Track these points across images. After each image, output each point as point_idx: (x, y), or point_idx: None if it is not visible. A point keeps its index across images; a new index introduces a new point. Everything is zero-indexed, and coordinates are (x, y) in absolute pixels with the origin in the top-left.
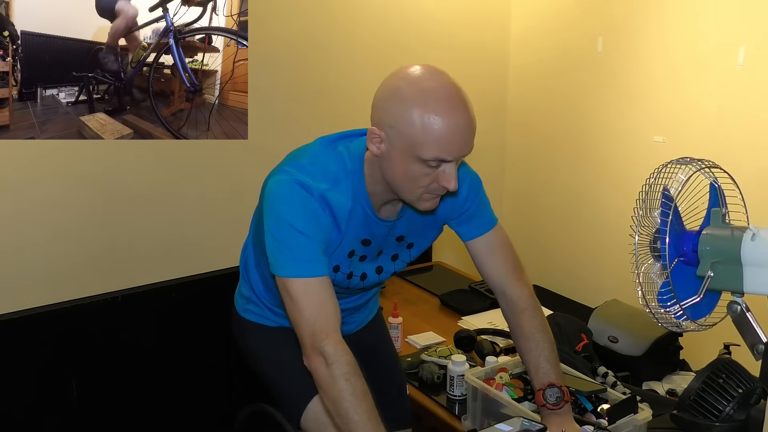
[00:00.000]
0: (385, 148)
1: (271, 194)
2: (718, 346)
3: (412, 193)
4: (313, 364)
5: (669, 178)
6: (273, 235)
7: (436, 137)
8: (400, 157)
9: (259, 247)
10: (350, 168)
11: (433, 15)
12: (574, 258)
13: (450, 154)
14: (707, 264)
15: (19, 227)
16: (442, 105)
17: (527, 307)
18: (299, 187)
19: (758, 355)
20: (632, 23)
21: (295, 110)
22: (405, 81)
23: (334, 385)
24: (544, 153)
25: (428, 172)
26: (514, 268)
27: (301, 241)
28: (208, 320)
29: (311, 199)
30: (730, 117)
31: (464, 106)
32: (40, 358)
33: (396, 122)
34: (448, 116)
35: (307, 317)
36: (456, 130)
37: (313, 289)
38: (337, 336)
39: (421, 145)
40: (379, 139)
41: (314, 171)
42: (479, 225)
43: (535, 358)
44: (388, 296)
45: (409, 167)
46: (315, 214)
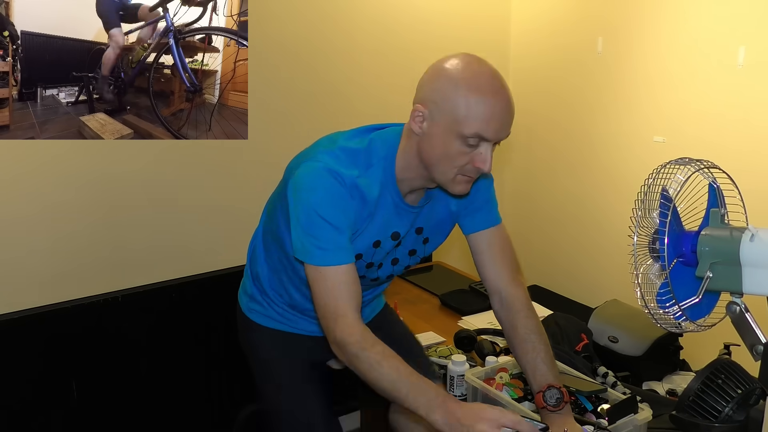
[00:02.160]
0: (426, 126)
1: (301, 181)
2: (718, 346)
3: (447, 172)
4: (335, 353)
5: (668, 178)
6: (300, 222)
7: (479, 114)
8: (441, 134)
9: (270, 236)
10: (382, 154)
11: (434, 17)
12: (574, 258)
13: (490, 133)
14: (706, 264)
15: (18, 227)
16: (486, 85)
17: (522, 308)
18: (330, 175)
19: (757, 356)
20: (632, 23)
21: (295, 110)
22: (452, 64)
23: (354, 367)
24: (544, 153)
25: (466, 151)
26: (511, 268)
27: (328, 231)
28: (208, 320)
29: (341, 188)
30: (730, 117)
31: (506, 91)
32: (40, 357)
33: (441, 99)
34: (491, 96)
35: (322, 305)
36: (497, 110)
37: (338, 277)
38: (345, 319)
39: (463, 121)
40: (421, 117)
41: (345, 158)
42: (483, 219)
43: (532, 360)
44: (388, 296)
45: (449, 144)
46: (344, 203)
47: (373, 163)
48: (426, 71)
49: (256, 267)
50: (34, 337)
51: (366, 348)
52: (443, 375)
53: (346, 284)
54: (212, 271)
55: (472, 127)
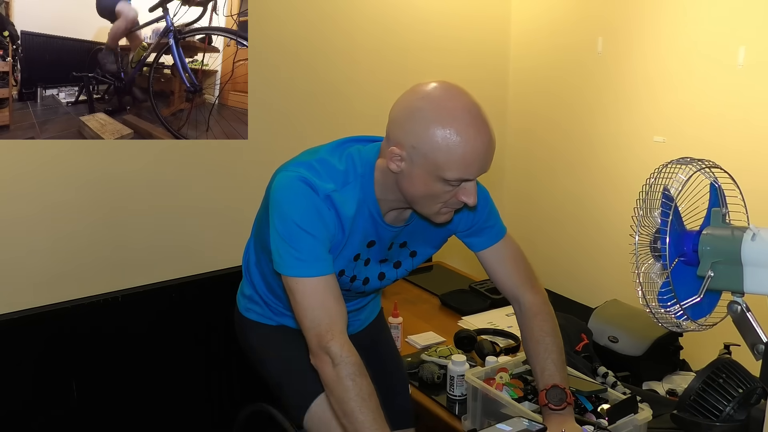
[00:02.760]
0: (405, 167)
1: (277, 191)
2: (718, 346)
3: (430, 208)
4: (319, 363)
5: (669, 178)
6: (279, 233)
7: (460, 159)
8: (421, 177)
9: (260, 245)
10: (360, 171)
11: (434, 17)
12: (574, 258)
13: (472, 174)
14: (707, 264)
15: (18, 227)
16: (466, 126)
17: (539, 312)
18: (305, 185)
19: (758, 355)
20: (632, 23)
21: (295, 110)
22: (425, 101)
23: (339, 385)
24: (544, 153)
25: (449, 190)
26: (526, 276)
27: (306, 240)
28: (208, 320)
29: (316, 198)
30: (731, 117)
31: (486, 126)
32: (40, 358)
33: (418, 143)
34: (472, 138)
35: (312, 317)
36: (479, 151)
37: (319, 288)
38: (344, 336)
39: (444, 166)
40: (399, 158)
41: (322, 170)
42: (489, 237)
43: (542, 360)
44: (388, 296)
45: (431, 186)
46: (320, 213)
47: (350, 180)
48: (397, 103)
49: (251, 274)
50: (34, 337)
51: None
52: (443, 375)
53: (332, 295)
54: (212, 271)
55: (455, 172)
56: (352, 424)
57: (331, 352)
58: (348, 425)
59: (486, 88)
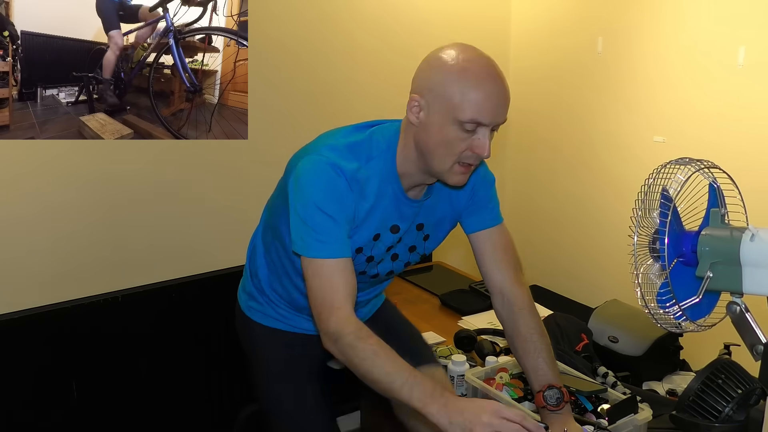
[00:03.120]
0: (423, 116)
1: (302, 175)
2: (717, 346)
3: (445, 161)
4: (326, 345)
5: (668, 178)
6: (299, 214)
7: (474, 99)
8: (437, 122)
9: (270, 233)
10: (383, 147)
11: (433, 17)
12: (574, 258)
13: (486, 117)
14: (706, 264)
15: (18, 227)
16: (481, 70)
17: (525, 308)
18: (331, 168)
19: (757, 356)
20: (632, 23)
21: (295, 110)
22: (446, 53)
23: (344, 357)
24: (544, 153)
25: (464, 137)
26: (514, 268)
27: (326, 223)
28: (208, 320)
29: (341, 181)
30: (730, 117)
31: (500, 75)
32: (40, 358)
33: (436, 86)
34: (486, 80)
35: (319, 296)
36: (492, 94)
37: (332, 270)
38: (340, 312)
39: (459, 107)
40: (418, 106)
41: (346, 151)
42: (485, 219)
43: (533, 360)
44: (388, 296)
45: (447, 131)
46: (343, 196)
47: (374, 155)
48: (421, 63)
49: (255, 266)
50: (34, 337)
51: (362, 338)
52: None
53: (343, 277)
54: (212, 271)
55: (468, 112)
56: (374, 384)
57: (329, 331)
58: (372, 385)
59: None
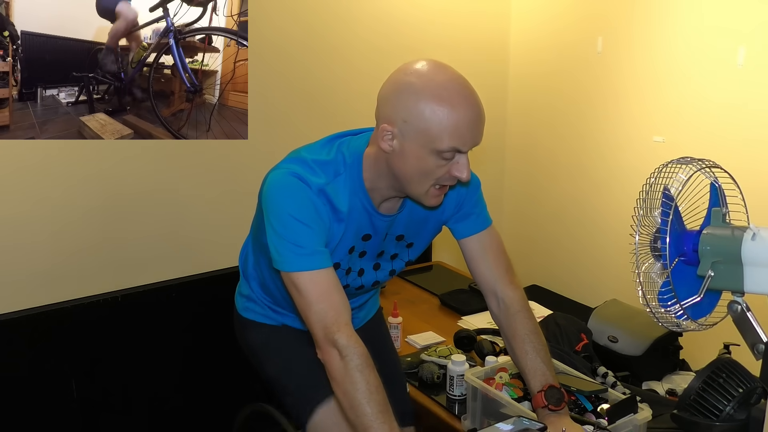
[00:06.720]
0: (397, 144)
1: (271, 189)
2: (718, 345)
3: (421, 187)
4: (326, 356)
5: (669, 177)
6: (275, 229)
7: (452, 127)
8: (413, 151)
9: (258, 247)
10: (349, 162)
11: (434, 17)
12: (574, 257)
13: (465, 144)
14: (708, 264)
15: (19, 227)
16: (456, 95)
17: (521, 310)
18: (297, 179)
19: (758, 355)
20: (632, 23)
21: (295, 110)
22: (414, 76)
23: (347, 377)
24: (544, 153)
25: (442, 164)
26: (506, 269)
27: (304, 232)
28: (208, 320)
29: (310, 192)
30: (730, 117)
31: (474, 96)
32: (40, 357)
33: (409, 117)
34: (462, 107)
35: (317, 310)
36: (470, 120)
37: (320, 281)
38: (349, 328)
39: (438, 137)
40: (390, 135)
41: (313, 165)
42: (474, 223)
43: (532, 361)
44: (388, 296)
45: (425, 161)
46: (315, 205)
47: (341, 171)
48: (385, 83)
49: (248, 277)
50: (34, 337)
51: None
52: (443, 375)
53: (329, 288)
54: (212, 271)
55: (447, 141)
56: (359, 417)
57: (338, 344)
58: (354, 418)
59: (486, 88)
